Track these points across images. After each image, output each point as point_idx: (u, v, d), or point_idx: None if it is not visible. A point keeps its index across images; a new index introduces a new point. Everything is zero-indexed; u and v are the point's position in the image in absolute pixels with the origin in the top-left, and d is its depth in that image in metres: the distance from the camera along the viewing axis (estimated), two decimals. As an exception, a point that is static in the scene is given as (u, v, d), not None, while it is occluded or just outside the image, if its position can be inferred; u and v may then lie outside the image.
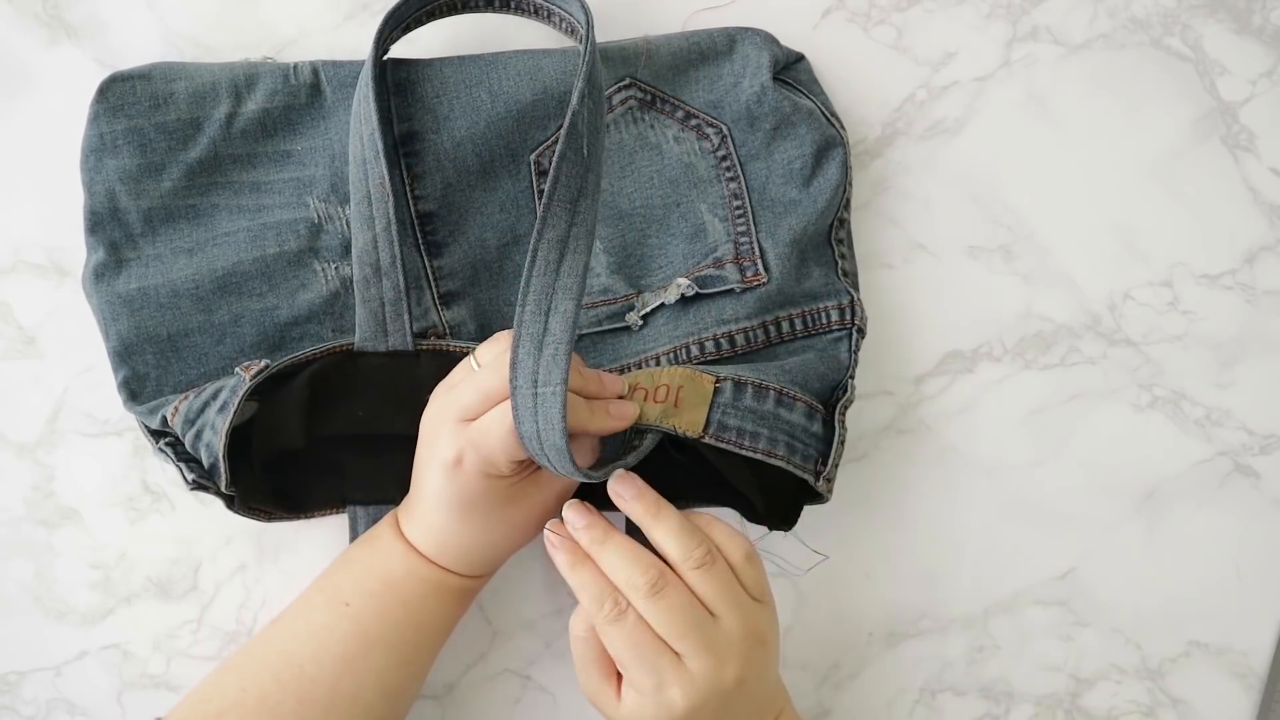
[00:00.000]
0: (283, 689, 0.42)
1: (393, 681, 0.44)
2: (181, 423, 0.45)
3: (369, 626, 0.43)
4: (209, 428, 0.44)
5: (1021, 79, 0.52)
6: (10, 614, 0.52)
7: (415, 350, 0.46)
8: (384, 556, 0.44)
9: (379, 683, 0.43)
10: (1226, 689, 0.54)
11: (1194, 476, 0.53)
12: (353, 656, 0.43)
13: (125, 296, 0.47)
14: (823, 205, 0.49)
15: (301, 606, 0.45)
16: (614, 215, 0.50)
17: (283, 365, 0.45)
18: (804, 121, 0.49)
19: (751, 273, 0.48)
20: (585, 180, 0.40)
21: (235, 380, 0.44)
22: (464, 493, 0.42)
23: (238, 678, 0.43)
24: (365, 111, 0.45)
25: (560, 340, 0.39)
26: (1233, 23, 0.52)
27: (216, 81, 0.47)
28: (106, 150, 0.47)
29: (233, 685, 0.43)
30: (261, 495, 0.47)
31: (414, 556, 0.44)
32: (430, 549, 0.44)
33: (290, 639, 0.43)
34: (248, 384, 0.43)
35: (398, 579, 0.44)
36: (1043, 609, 0.54)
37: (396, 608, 0.43)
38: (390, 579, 0.44)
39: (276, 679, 0.42)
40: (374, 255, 0.46)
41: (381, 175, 0.45)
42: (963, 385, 0.53)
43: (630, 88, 0.49)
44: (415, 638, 0.45)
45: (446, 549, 0.44)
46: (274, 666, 0.43)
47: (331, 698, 0.42)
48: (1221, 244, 0.53)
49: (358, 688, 0.43)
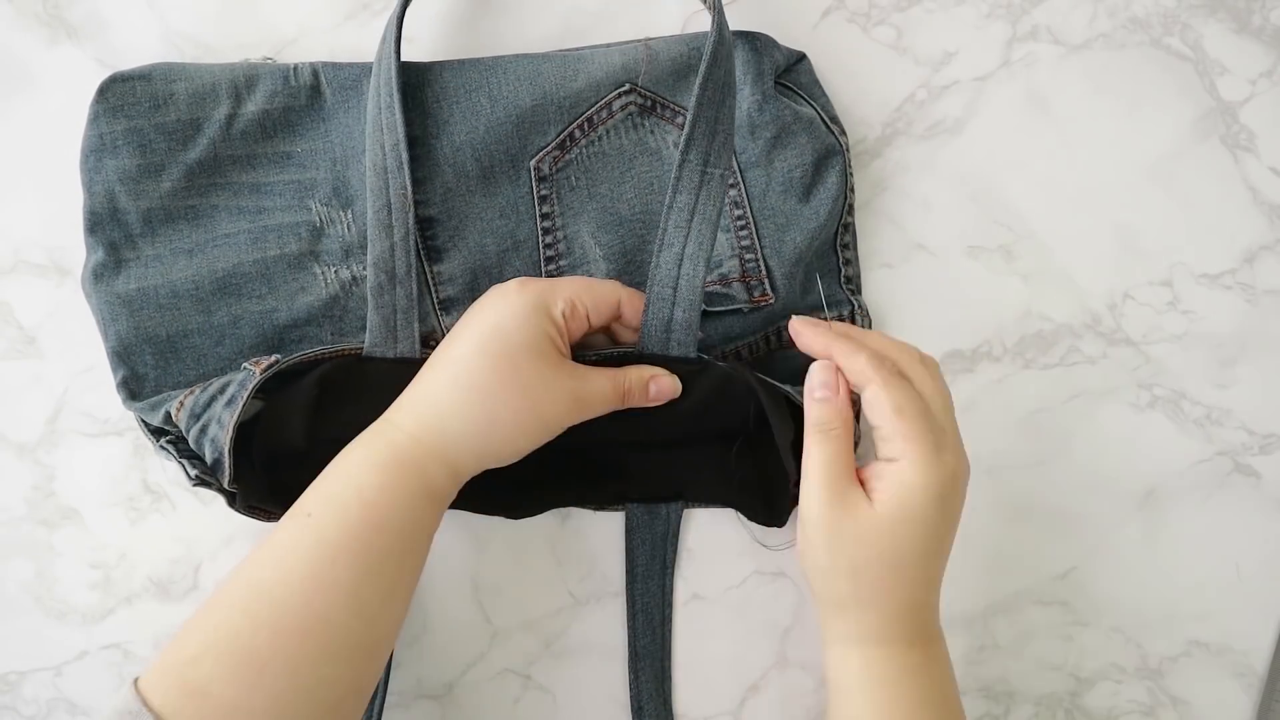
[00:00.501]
0: (255, 620, 0.39)
1: (365, 596, 0.40)
2: (187, 417, 0.44)
3: (331, 534, 0.40)
4: (215, 422, 0.44)
5: (1021, 79, 0.52)
6: (11, 614, 0.52)
7: (422, 358, 0.46)
8: (350, 454, 0.42)
9: (351, 598, 0.40)
10: (1226, 688, 0.54)
11: (1194, 476, 0.54)
12: (319, 571, 0.40)
13: (125, 297, 0.47)
14: (824, 218, 0.49)
15: (270, 533, 0.42)
16: (614, 221, 0.50)
17: (292, 363, 0.45)
18: (804, 130, 0.49)
19: (759, 293, 0.49)
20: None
21: (244, 375, 0.44)
22: (509, 313, 0.42)
23: (208, 618, 0.40)
24: (389, 121, 0.46)
25: (728, 136, 0.45)
26: (1233, 23, 0.52)
27: (216, 82, 0.47)
28: (106, 151, 0.47)
29: (205, 627, 0.39)
30: (262, 493, 0.47)
31: (381, 439, 0.42)
32: (418, 415, 0.42)
33: (256, 567, 0.40)
34: (257, 378, 0.43)
35: (355, 472, 0.41)
36: (1043, 609, 0.54)
37: (356, 506, 0.40)
38: (348, 474, 0.41)
39: (246, 611, 0.39)
40: (391, 263, 0.46)
41: (404, 185, 0.45)
42: (963, 385, 0.53)
43: (630, 93, 0.49)
44: (379, 541, 0.41)
45: (440, 407, 0.42)
46: (243, 599, 0.40)
47: (304, 621, 0.39)
48: (1221, 244, 0.53)
49: (328, 605, 0.39)
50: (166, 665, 0.39)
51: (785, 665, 0.53)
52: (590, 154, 0.49)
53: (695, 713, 0.53)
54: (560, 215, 0.49)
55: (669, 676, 0.52)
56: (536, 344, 0.42)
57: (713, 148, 0.45)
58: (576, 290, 0.44)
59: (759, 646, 0.53)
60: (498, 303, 0.43)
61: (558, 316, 0.43)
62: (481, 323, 0.43)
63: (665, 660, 0.52)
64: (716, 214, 0.45)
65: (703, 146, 0.45)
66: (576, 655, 0.53)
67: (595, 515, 0.53)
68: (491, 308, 0.43)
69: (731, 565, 0.53)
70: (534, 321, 0.42)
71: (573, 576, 0.53)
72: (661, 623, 0.52)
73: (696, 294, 0.45)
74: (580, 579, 0.53)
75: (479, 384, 0.42)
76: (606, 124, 0.49)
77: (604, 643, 0.53)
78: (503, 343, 0.42)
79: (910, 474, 0.40)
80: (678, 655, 0.53)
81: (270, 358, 0.45)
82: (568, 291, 0.44)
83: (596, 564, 0.53)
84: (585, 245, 0.49)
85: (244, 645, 0.38)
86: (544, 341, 0.43)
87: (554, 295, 0.43)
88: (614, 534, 0.53)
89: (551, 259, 0.49)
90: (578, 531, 0.53)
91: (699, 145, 0.45)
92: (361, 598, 0.40)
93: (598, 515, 0.53)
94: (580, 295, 0.44)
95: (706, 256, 0.45)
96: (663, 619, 0.52)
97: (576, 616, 0.53)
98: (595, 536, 0.53)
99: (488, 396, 0.42)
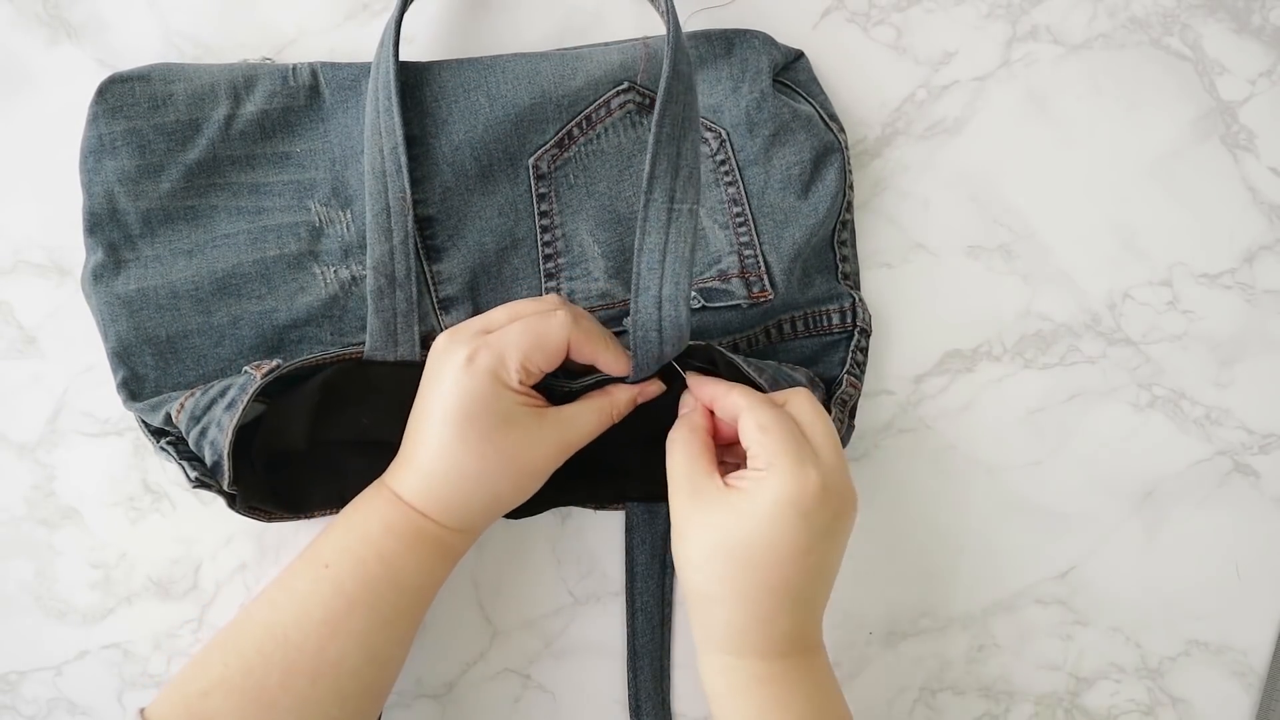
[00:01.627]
0: (267, 660, 0.41)
1: (377, 644, 0.43)
2: (187, 419, 0.45)
3: (349, 586, 0.42)
4: (214, 425, 0.44)
5: (1021, 79, 0.52)
6: (10, 614, 0.52)
7: (422, 362, 0.46)
8: (364, 513, 0.43)
9: (364, 646, 0.42)
10: (1226, 688, 0.54)
11: (1194, 476, 0.54)
12: (335, 619, 0.42)
13: (124, 298, 0.47)
14: (823, 215, 0.49)
15: (283, 575, 0.44)
16: (612, 219, 0.50)
17: (294, 368, 0.45)
18: (803, 128, 0.49)
19: (758, 289, 0.49)
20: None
21: (244, 379, 0.44)
22: (468, 396, 0.41)
23: (221, 654, 0.42)
24: (388, 124, 0.45)
25: (693, 169, 0.43)
26: (1232, 22, 0.52)
27: (215, 83, 0.47)
28: (105, 151, 0.47)
29: (216, 662, 0.41)
30: (262, 495, 0.47)
31: (394, 506, 0.43)
32: (416, 490, 0.43)
33: (271, 609, 0.42)
34: (258, 383, 0.43)
35: (374, 534, 0.43)
36: (1043, 608, 0.54)
37: (375, 564, 0.42)
38: (368, 535, 0.43)
39: (260, 651, 0.41)
40: (390, 266, 0.46)
41: (403, 189, 0.45)
42: (963, 385, 0.53)
43: (628, 92, 0.49)
44: (395, 597, 0.43)
45: (433, 486, 0.43)
46: (257, 638, 0.41)
47: (317, 665, 0.41)
48: (1221, 243, 0.53)
49: (342, 653, 0.41)
50: (176, 697, 0.41)
51: (785, 665, 0.53)
52: (589, 152, 0.49)
53: (695, 712, 0.53)
54: (559, 213, 0.49)
55: (668, 676, 0.52)
56: (506, 415, 0.42)
57: (677, 183, 0.43)
58: (525, 351, 0.42)
59: (759, 646, 0.53)
60: (451, 382, 0.42)
61: (515, 384, 0.42)
62: (445, 407, 0.42)
63: (665, 660, 0.52)
64: (690, 250, 0.43)
65: (666, 183, 0.43)
66: (576, 655, 0.53)
67: (595, 515, 0.53)
68: (450, 390, 0.42)
69: (731, 565, 0.53)
70: (494, 395, 0.42)
71: (573, 576, 0.53)
72: (661, 622, 0.52)
73: (683, 330, 0.43)
74: (580, 579, 0.53)
75: (467, 469, 0.42)
76: (605, 122, 0.49)
77: (604, 642, 0.53)
78: (474, 426, 0.42)
79: (770, 478, 0.40)
80: (677, 655, 0.53)
81: (271, 362, 0.45)
82: (516, 356, 0.42)
83: (596, 564, 0.53)
84: (584, 243, 0.49)
85: (256, 683, 0.40)
86: (512, 409, 0.42)
87: (504, 365, 0.42)
88: (614, 534, 0.53)
89: (550, 257, 0.50)
90: (578, 531, 0.53)
91: (662, 182, 0.43)
92: (373, 645, 0.42)
93: (598, 515, 0.53)
94: (530, 355, 0.42)
95: (686, 295, 0.43)
96: (662, 619, 0.52)
97: (576, 616, 0.53)
98: (595, 536, 0.53)
99: (479, 475, 0.43)
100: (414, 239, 0.46)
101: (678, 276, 0.43)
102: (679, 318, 0.43)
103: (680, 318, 0.43)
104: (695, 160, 0.43)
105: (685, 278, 0.43)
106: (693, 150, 0.43)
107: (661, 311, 0.43)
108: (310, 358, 0.45)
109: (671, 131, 0.43)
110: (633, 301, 0.43)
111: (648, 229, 0.43)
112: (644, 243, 0.43)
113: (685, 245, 0.43)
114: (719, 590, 0.41)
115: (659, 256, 0.43)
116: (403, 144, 0.45)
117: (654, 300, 0.43)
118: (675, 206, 0.43)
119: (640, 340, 0.43)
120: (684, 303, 0.43)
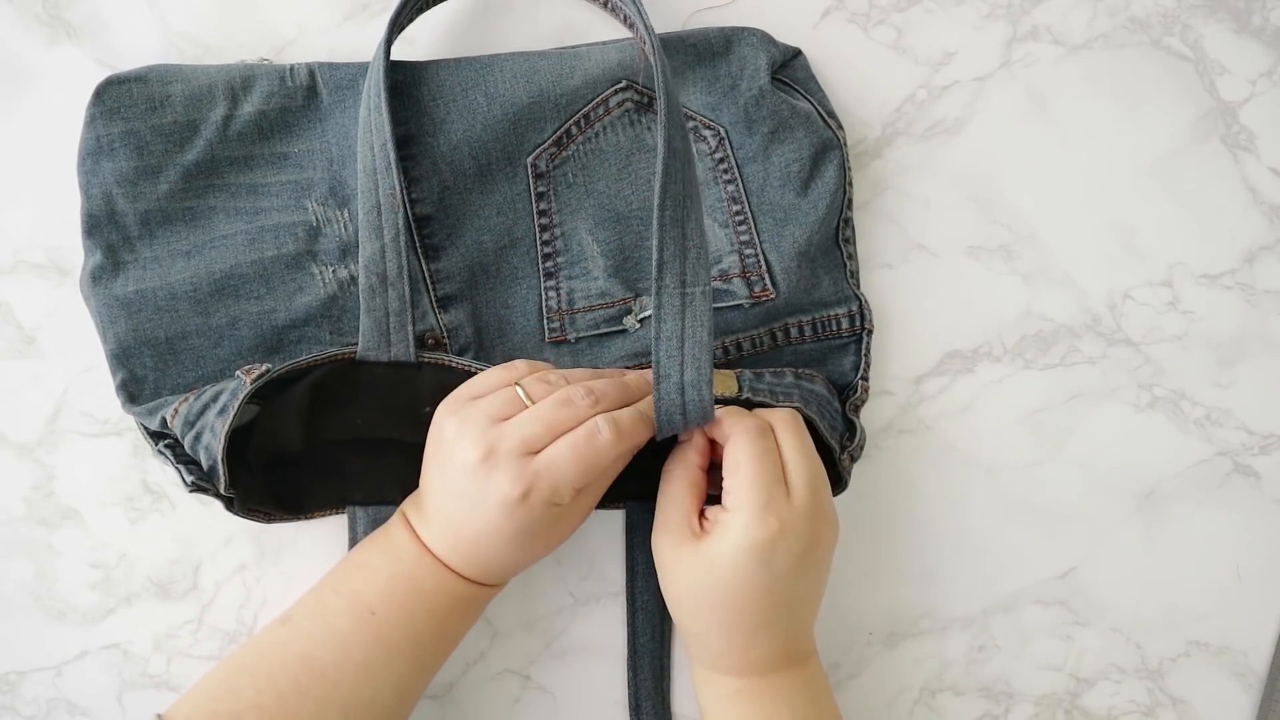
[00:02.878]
0: (302, 692, 0.42)
1: (409, 687, 0.44)
2: (181, 425, 0.45)
3: (393, 635, 0.43)
4: (208, 430, 0.44)
5: (1021, 79, 0.52)
6: (10, 614, 0.52)
7: (417, 362, 0.46)
8: (410, 567, 0.44)
9: (397, 688, 0.43)
10: (1226, 689, 0.54)
11: (1194, 476, 0.53)
12: (375, 664, 0.43)
13: (123, 299, 0.47)
14: (823, 211, 0.49)
15: (319, 610, 0.44)
16: (611, 218, 0.50)
17: (284, 371, 0.45)
18: (802, 125, 0.49)
19: (760, 288, 0.49)
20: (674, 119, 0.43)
21: (235, 384, 0.44)
22: (526, 525, 0.42)
23: (252, 679, 0.42)
24: (378, 122, 0.45)
25: (701, 249, 0.43)
26: (1233, 23, 0.52)
27: (213, 84, 0.47)
28: (103, 153, 0.47)
29: (247, 686, 0.42)
30: (260, 496, 0.47)
31: (443, 570, 0.44)
32: (463, 566, 0.44)
33: (310, 644, 0.43)
34: (248, 388, 0.43)
35: (428, 590, 0.44)
36: (1043, 609, 0.54)
37: (424, 618, 0.44)
38: (419, 590, 0.43)
39: (295, 682, 0.42)
40: (381, 265, 0.46)
41: (393, 185, 0.45)
42: (963, 385, 0.53)
43: (626, 90, 0.49)
44: (435, 646, 0.45)
45: (483, 569, 0.44)
46: (293, 670, 0.42)
47: (351, 702, 0.42)
48: (1221, 244, 0.53)
49: (376, 693, 0.43)
50: (204, 714, 0.42)
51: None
52: (587, 151, 0.49)
53: (694, 713, 0.53)
54: (558, 212, 0.49)
55: (668, 676, 0.52)
56: (554, 521, 0.43)
57: (686, 266, 0.42)
58: (578, 479, 0.42)
59: (759, 646, 0.53)
60: (503, 515, 0.41)
61: (569, 499, 0.42)
62: (499, 531, 0.42)
63: (665, 660, 0.52)
64: (708, 333, 0.42)
65: (676, 268, 0.42)
66: (576, 655, 0.53)
67: (595, 514, 0.52)
68: (501, 521, 0.42)
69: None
70: (548, 518, 0.42)
71: (573, 576, 0.53)
72: (661, 622, 0.52)
73: (707, 412, 0.43)
74: (580, 579, 0.53)
75: (517, 560, 0.44)
76: (603, 120, 0.49)
77: (604, 643, 0.53)
78: (526, 540, 0.43)
79: (731, 525, 0.42)
80: (677, 655, 0.53)
81: (261, 366, 0.45)
82: (570, 485, 0.41)
83: (596, 564, 0.53)
84: (583, 242, 0.49)
85: (290, 710, 0.42)
86: (559, 513, 0.43)
87: (559, 494, 0.41)
88: (614, 534, 0.53)
89: (549, 255, 0.50)
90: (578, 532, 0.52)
91: (672, 268, 0.42)
92: (405, 686, 0.44)
93: (598, 514, 0.52)
94: (583, 480, 0.42)
95: (708, 378, 0.42)
96: (662, 618, 0.52)
97: (576, 616, 0.53)
98: (595, 536, 0.53)
99: (527, 558, 0.45)
100: (406, 237, 0.46)
101: (698, 361, 0.42)
102: (703, 401, 0.43)
103: (704, 401, 0.43)
104: (702, 238, 0.43)
105: (706, 361, 0.42)
106: (698, 229, 0.43)
107: (685, 397, 0.43)
108: (301, 360, 0.45)
109: (675, 214, 0.42)
110: (655, 386, 0.43)
111: (663, 316, 0.42)
112: (660, 330, 0.42)
113: (703, 329, 0.42)
114: (695, 624, 0.44)
115: (677, 344, 0.42)
116: (391, 141, 0.45)
117: (676, 387, 0.43)
118: (688, 291, 0.42)
119: (664, 423, 0.43)
120: (706, 386, 0.42)
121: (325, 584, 0.45)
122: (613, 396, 0.43)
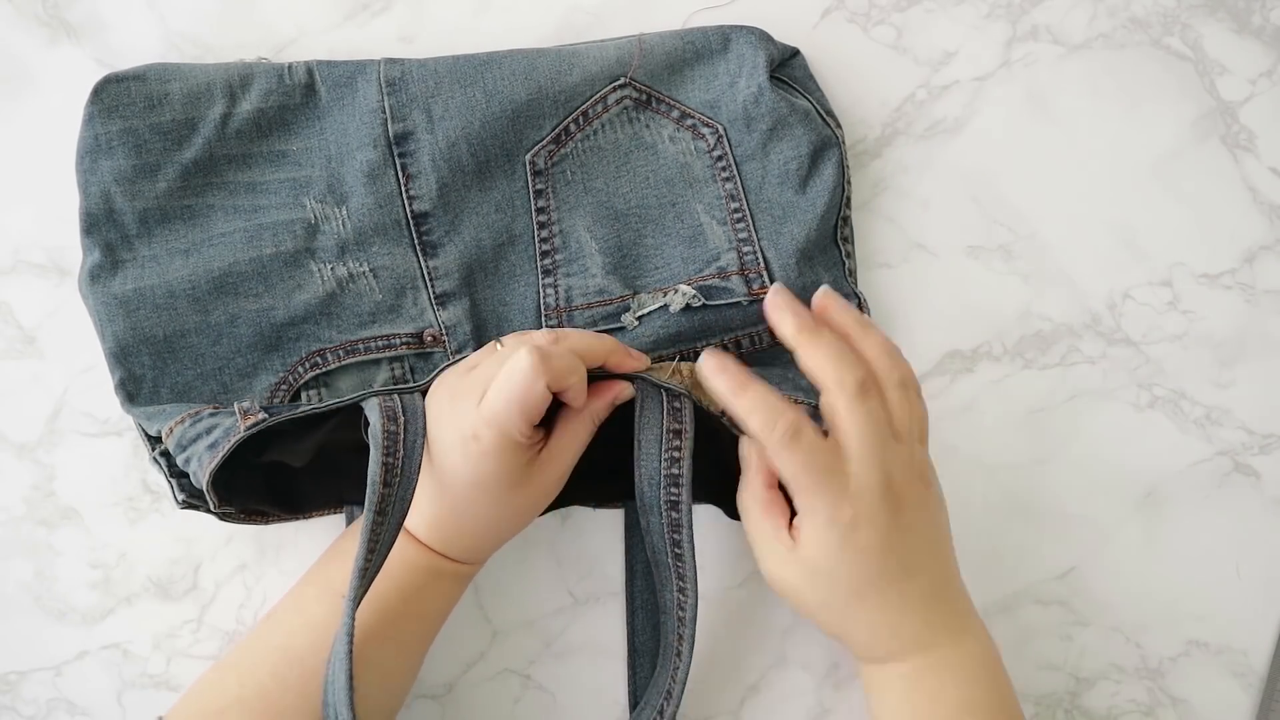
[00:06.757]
0: (283, 684, 0.42)
1: (391, 671, 0.44)
2: (175, 445, 0.44)
3: (367, 619, 0.43)
4: (196, 459, 0.43)
5: (1021, 79, 0.52)
6: (10, 614, 0.52)
7: (423, 389, 0.45)
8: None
9: (378, 673, 0.43)
10: (1226, 688, 0.54)
11: (1194, 476, 0.53)
12: (354, 650, 0.42)
13: (121, 298, 0.47)
14: (822, 209, 0.49)
15: (296, 600, 0.45)
16: (609, 215, 0.50)
17: (279, 421, 0.43)
18: (800, 123, 0.49)
19: (758, 286, 0.49)
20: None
21: (230, 422, 0.43)
22: (485, 471, 0.41)
23: (236, 675, 0.43)
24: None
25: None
26: (1233, 22, 0.52)
27: (211, 82, 0.47)
28: (101, 151, 0.47)
29: (232, 683, 0.42)
30: (260, 497, 0.47)
31: (411, 545, 0.44)
32: (430, 535, 0.44)
33: (287, 634, 0.43)
34: (240, 434, 0.42)
35: (394, 570, 0.43)
36: (1043, 609, 0.54)
37: (394, 599, 0.43)
38: (387, 570, 0.43)
39: (275, 674, 0.42)
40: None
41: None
42: (963, 385, 0.53)
43: (625, 87, 0.49)
44: (413, 627, 0.45)
45: (447, 534, 0.44)
46: (272, 662, 0.43)
47: None
48: (1221, 244, 0.53)
49: (356, 678, 0.42)
50: (192, 712, 0.42)
51: (785, 665, 0.53)
52: (585, 148, 0.49)
53: (695, 713, 0.53)
54: (556, 210, 0.49)
55: (668, 676, 0.52)
56: (514, 479, 0.42)
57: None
58: (509, 405, 0.40)
59: (759, 646, 0.53)
60: (461, 458, 0.41)
61: (522, 440, 0.41)
62: (459, 479, 0.42)
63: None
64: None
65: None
66: (576, 655, 0.53)
67: (595, 515, 0.53)
68: (460, 465, 0.41)
69: (731, 565, 0.53)
70: (505, 466, 0.41)
71: (572, 576, 0.53)
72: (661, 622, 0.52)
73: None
74: (580, 579, 0.53)
75: (480, 524, 0.44)
76: (601, 118, 0.49)
77: (604, 642, 0.53)
78: (486, 494, 0.42)
79: (808, 532, 0.41)
80: (677, 655, 0.53)
81: (258, 413, 0.43)
82: (504, 414, 0.40)
83: (596, 564, 0.53)
84: (581, 239, 0.49)
85: (272, 705, 0.41)
86: (519, 471, 0.42)
87: (504, 427, 0.40)
88: (614, 534, 0.53)
89: (547, 253, 0.50)
90: (578, 531, 0.53)
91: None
92: (388, 671, 0.44)
93: (598, 515, 0.53)
94: (519, 409, 0.40)
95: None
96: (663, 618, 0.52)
97: (576, 616, 0.53)
98: (595, 536, 0.53)
99: (492, 526, 0.44)
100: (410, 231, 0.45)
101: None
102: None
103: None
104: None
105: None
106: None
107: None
108: (299, 411, 0.43)
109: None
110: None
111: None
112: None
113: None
114: (835, 628, 0.44)
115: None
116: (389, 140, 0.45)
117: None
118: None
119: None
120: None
121: (306, 576, 0.46)
122: (573, 341, 0.42)
